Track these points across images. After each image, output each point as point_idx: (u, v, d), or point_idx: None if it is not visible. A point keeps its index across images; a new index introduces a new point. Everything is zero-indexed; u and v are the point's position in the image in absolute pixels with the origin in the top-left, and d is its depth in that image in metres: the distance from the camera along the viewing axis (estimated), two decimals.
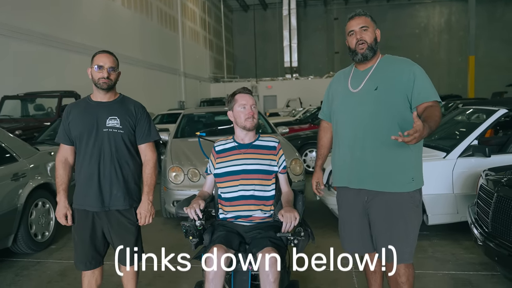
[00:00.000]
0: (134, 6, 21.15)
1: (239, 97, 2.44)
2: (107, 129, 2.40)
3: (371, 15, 2.34)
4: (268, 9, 42.05)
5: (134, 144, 2.50)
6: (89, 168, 2.41)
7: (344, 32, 2.40)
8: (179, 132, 6.39)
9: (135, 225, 2.51)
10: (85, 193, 2.42)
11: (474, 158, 4.04)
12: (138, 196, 2.52)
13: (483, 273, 3.43)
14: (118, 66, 2.46)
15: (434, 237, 4.26)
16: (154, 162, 2.52)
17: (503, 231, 2.79)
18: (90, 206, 2.42)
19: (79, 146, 2.44)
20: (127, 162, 2.46)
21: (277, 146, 2.50)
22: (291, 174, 4.79)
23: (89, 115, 2.42)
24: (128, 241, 2.49)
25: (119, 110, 2.45)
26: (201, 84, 32.65)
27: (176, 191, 4.69)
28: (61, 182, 2.46)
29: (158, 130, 2.66)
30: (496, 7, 36.92)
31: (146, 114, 2.54)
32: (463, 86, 25.34)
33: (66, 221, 2.46)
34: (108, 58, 2.40)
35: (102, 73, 2.37)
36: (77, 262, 2.51)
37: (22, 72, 12.14)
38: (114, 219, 2.45)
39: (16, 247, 4.00)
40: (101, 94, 2.45)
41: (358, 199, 2.36)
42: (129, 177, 2.47)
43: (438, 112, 2.12)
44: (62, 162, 2.48)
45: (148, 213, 2.47)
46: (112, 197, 2.42)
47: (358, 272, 3.45)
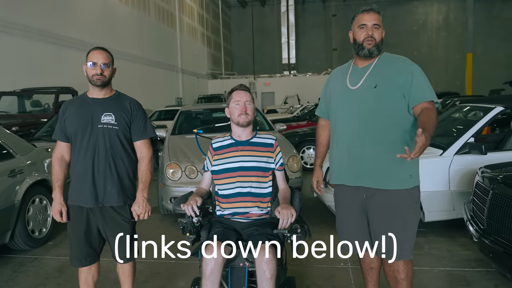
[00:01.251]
0: (131, 2, 21.07)
1: (234, 94, 2.46)
2: (102, 125, 2.40)
3: (382, 15, 2.33)
4: (266, 5, 41.99)
5: (130, 141, 2.50)
6: (83, 164, 2.41)
7: (343, 29, 2.42)
8: (176, 129, 6.38)
9: (129, 222, 2.51)
10: (79, 189, 2.42)
11: (470, 156, 4.06)
12: (133, 194, 2.51)
13: (478, 269, 3.46)
14: (112, 62, 2.45)
15: (430, 234, 4.29)
16: (149, 159, 2.52)
17: (498, 228, 2.81)
18: (84, 202, 2.42)
19: (74, 142, 2.44)
20: (121, 158, 2.46)
21: (274, 143, 2.51)
22: (289, 171, 4.79)
23: (84, 111, 2.42)
24: (122, 238, 2.48)
25: (114, 106, 2.45)
26: (198, 81, 32.61)
27: (173, 187, 4.69)
28: (56, 178, 2.46)
29: (155, 127, 2.66)
30: (494, 5, 36.97)
31: (142, 111, 2.54)
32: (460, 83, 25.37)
33: (61, 217, 2.46)
34: (101, 54, 2.40)
35: (96, 70, 2.37)
36: (72, 259, 2.52)
37: (19, 68, 12.09)
38: (108, 215, 2.45)
39: (14, 243, 4.00)
40: (96, 91, 2.45)
41: (356, 197, 2.36)
42: (123, 173, 2.47)
43: (434, 115, 2.12)
44: (58, 159, 2.48)
45: (143, 210, 2.46)
46: (106, 193, 2.42)
47: (355, 269, 3.47)
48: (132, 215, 2.49)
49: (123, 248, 2.50)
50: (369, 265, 2.55)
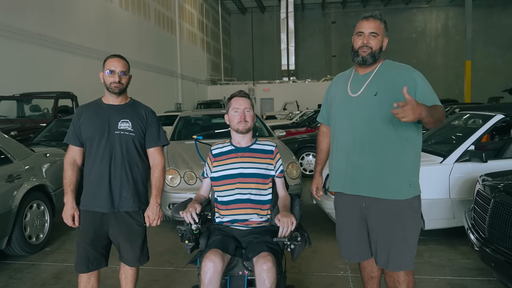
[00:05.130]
0: (131, 8, 21.15)
1: (233, 101, 2.45)
2: (119, 132, 2.43)
3: (385, 21, 2.30)
4: (266, 12, 42.16)
5: (143, 147, 2.55)
6: (100, 170, 2.42)
7: (342, 35, 2.41)
8: (175, 135, 6.37)
9: (143, 227, 2.54)
10: (94, 194, 2.43)
11: (471, 163, 4.04)
12: (146, 199, 2.55)
13: (479, 278, 3.43)
14: (129, 69, 2.49)
15: (430, 242, 4.26)
16: (162, 166, 2.57)
17: (500, 237, 2.78)
18: (99, 207, 2.43)
19: (90, 148, 2.45)
20: (137, 164, 2.50)
21: (274, 150, 2.49)
22: (288, 178, 4.77)
23: (101, 118, 2.45)
24: (135, 242, 2.51)
25: (131, 113, 2.49)
26: (198, 86, 32.65)
27: (172, 193, 4.67)
28: (69, 182, 2.46)
29: None
30: (493, 13, 37.20)
31: (156, 119, 2.59)
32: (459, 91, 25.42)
33: (73, 222, 2.46)
34: (119, 62, 2.43)
35: (114, 78, 2.40)
36: (78, 264, 2.49)
37: (18, 73, 12.10)
38: (122, 220, 2.47)
39: (10, 249, 3.96)
40: (113, 98, 2.48)
41: (355, 205, 2.34)
42: (138, 179, 2.51)
43: (441, 109, 2.13)
44: (71, 163, 2.48)
45: (156, 216, 2.49)
46: (122, 198, 2.45)
47: (355, 277, 3.44)
48: (145, 220, 2.51)
49: (136, 253, 2.52)
50: (369, 274, 2.52)
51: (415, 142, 2.28)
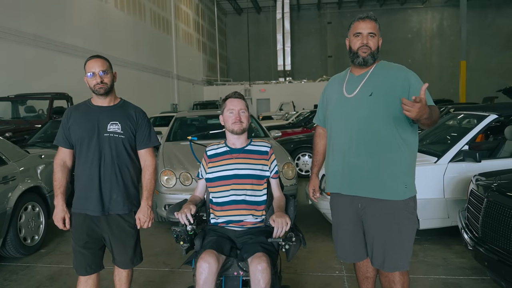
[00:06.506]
0: (127, 8, 21.08)
1: (228, 102, 2.45)
2: (108, 134, 2.40)
3: (379, 22, 2.32)
4: (262, 12, 42.18)
5: (134, 149, 2.51)
6: (90, 172, 2.40)
7: (338, 36, 2.41)
8: (171, 136, 6.36)
9: (135, 229, 2.51)
10: (85, 197, 2.41)
11: (465, 163, 4.07)
12: (138, 201, 2.53)
13: (473, 277, 3.45)
14: (111, 67, 2.44)
15: (425, 242, 4.28)
16: (153, 167, 2.53)
17: (493, 236, 2.80)
18: (90, 210, 2.41)
19: (80, 150, 2.43)
20: (127, 166, 2.47)
21: (269, 151, 2.50)
22: (283, 178, 4.78)
23: (90, 119, 2.41)
24: (128, 244, 2.49)
25: (120, 115, 2.45)
26: (194, 87, 32.60)
27: (167, 194, 4.66)
28: (59, 185, 2.44)
29: None
30: (487, 13, 37.38)
31: (147, 120, 2.55)
32: (454, 91, 25.53)
33: (64, 225, 2.44)
34: (97, 62, 2.38)
35: (96, 79, 2.36)
36: (77, 267, 2.49)
37: (13, 74, 12.04)
38: (114, 222, 2.45)
39: (5, 251, 3.95)
40: (101, 99, 2.45)
41: (351, 206, 2.35)
42: (128, 181, 2.47)
43: (437, 110, 2.14)
44: (61, 165, 2.46)
45: (147, 218, 2.47)
46: (112, 201, 2.42)
47: (350, 277, 3.45)
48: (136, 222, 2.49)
49: (129, 254, 2.50)
50: (364, 275, 2.53)
51: (411, 143, 2.29)
